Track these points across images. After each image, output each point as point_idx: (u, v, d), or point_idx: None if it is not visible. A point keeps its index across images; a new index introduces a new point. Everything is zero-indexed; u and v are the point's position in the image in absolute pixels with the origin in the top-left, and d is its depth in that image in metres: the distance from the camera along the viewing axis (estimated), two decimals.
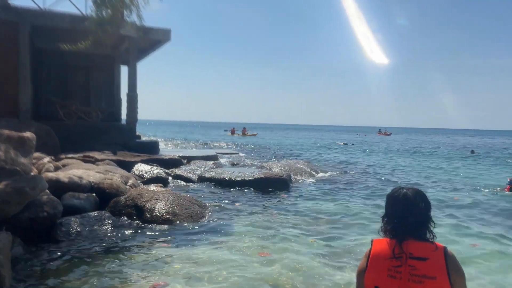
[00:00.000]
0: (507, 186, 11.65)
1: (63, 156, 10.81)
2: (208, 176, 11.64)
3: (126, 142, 14.86)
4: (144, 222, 6.91)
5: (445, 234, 6.61)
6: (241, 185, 10.92)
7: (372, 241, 2.12)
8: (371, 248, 2.08)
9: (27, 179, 6.07)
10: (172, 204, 7.29)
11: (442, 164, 20.55)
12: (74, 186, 7.48)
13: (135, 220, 7.02)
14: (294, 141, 44.13)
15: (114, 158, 11.70)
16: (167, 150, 19.85)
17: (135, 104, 15.23)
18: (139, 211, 7.14)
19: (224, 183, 11.12)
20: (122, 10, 9.76)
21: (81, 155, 11.19)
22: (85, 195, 7.39)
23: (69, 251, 5.47)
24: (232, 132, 58.33)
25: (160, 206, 7.15)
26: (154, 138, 27.26)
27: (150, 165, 11.69)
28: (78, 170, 8.49)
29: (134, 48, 15.10)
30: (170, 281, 4.60)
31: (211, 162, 14.69)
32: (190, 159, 15.29)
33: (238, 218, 7.52)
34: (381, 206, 8.95)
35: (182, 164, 13.86)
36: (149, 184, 9.92)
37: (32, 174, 7.25)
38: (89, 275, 4.70)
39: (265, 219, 7.59)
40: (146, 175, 10.84)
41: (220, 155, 19.28)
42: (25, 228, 5.72)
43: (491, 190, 11.85)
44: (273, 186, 10.93)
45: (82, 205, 7.09)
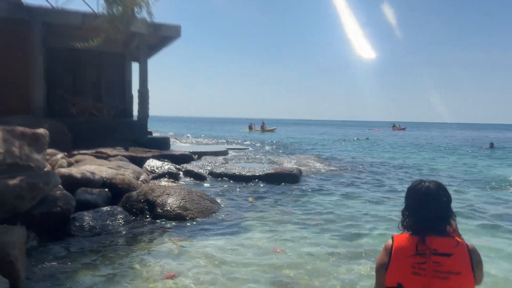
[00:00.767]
0: None
1: (75, 152, 10.95)
2: (218, 171, 11.71)
3: (138, 138, 14.99)
4: (155, 217, 6.99)
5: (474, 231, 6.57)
6: (251, 180, 10.97)
7: (392, 237, 2.07)
8: (392, 244, 2.03)
9: (40, 175, 6.17)
10: (183, 199, 7.35)
11: (464, 160, 19.67)
12: (87, 182, 7.58)
13: (147, 214, 7.11)
14: (306, 136, 43.95)
15: (126, 154, 11.82)
16: (178, 146, 19.97)
17: (146, 100, 15.36)
18: (151, 206, 7.23)
19: (234, 178, 11.18)
20: (132, 7, 9.82)
21: (93, 151, 11.33)
22: (97, 190, 7.48)
23: (82, 245, 5.56)
24: (250, 127, 53.81)
25: (171, 201, 7.22)
26: (165, 134, 27.44)
27: (161, 160, 11.78)
28: (90, 166, 8.60)
29: (144, 44, 15.20)
30: (181, 272, 4.66)
31: (222, 158, 14.77)
32: (200, 154, 15.39)
33: (249, 213, 7.56)
34: (395, 201, 8.96)
35: (193, 159, 13.96)
36: (160, 179, 10.01)
37: (45, 170, 7.36)
38: (102, 269, 4.77)
39: (276, 214, 7.61)
40: (157, 171, 10.94)
41: (229, 150, 19.32)
42: (39, 223, 5.81)
43: None
44: (283, 181, 10.94)
45: (95, 200, 7.18)
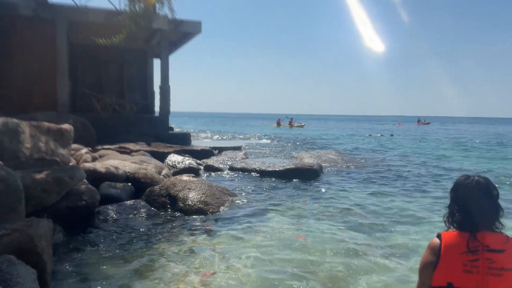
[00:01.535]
0: None
1: (99, 147, 11.17)
2: (238, 166, 11.76)
3: (159, 134, 15.18)
4: (177, 211, 7.08)
5: None
6: (271, 175, 10.98)
7: (439, 234, 2.02)
8: (441, 242, 1.97)
9: (65, 169, 6.32)
10: (204, 194, 7.42)
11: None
12: (111, 176, 7.72)
13: (169, 209, 7.21)
14: (331, 132, 43.65)
15: (148, 149, 11.99)
16: (198, 141, 20.14)
17: (167, 96, 15.52)
18: (173, 200, 7.32)
19: (254, 173, 11.21)
20: (154, 3, 9.94)
21: (116, 146, 11.52)
22: (121, 184, 7.61)
23: (107, 238, 5.67)
24: (278, 123, 52.11)
25: (193, 196, 7.30)
26: (186, 130, 27.68)
27: (183, 155, 11.90)
28: (114, 161, 8.75)
29: (165, 41, 15.33)
30: (214, 269, 4.68)
31: (242, 153, 14.81)
32: (221, 149, 15.48)
33: (270, 207, 7.57)
34: (417, 198, 8.84)
35: (213, 155, 14.05)
36: (181, 174, 10.12)
37: (70, 164, 7.55)
38: (128, 262, 4.85)
39: (297, 208, 7.61)
40: (178, 166, 11.06)
41: (249, 145, 19.35)
42: (64, 216, 5.95)
43: None
44: (304, 176, 10.91)
45: (119, 194, 7.31)
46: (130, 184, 7.87)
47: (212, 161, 12.67)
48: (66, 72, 13.94)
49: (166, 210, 7.17)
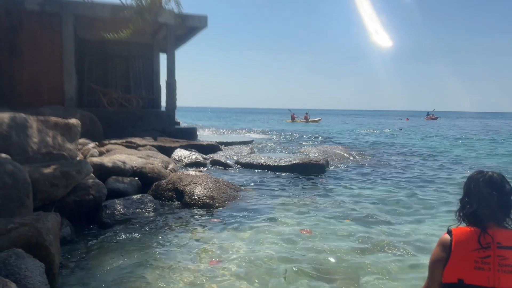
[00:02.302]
0: None
1: (106, 142, 11.22)
2: (245, 161, 11.76)
3: (166, 128, 15.22)
4: (184, 205, 7.10)
5: None
6: (277, 170, 10.97)
7: (450, 230, 1.99)
8: (451, 238, 1.95)
9: (73, 164, 6.35)
10: (210, 188, 7.44)
11: None
12: (118, 171, 7.74)
13: (176, 203, 7.24)
14: (340, 126, 43.53)
15: (155, 143, 12.02)
16: (205, 136, 20.16)
17: (173, 91, 15.53)
18: (179, 194, 7.35)
19: (261, 168, 11.21)
20: None
21: (123, 141, 11.57)
22: (128, 179, 7.64)
23: (114, 232, 5.69)
24: (293, 118, 50.38)
25: (199, 190, 7.32)
26: (192, 125, 27.73)
27: (189, 150, 11.92)
28: (121, 155, 8.78)
29: (172, 35, 15.32)
30: (220, 258, 4.79)
31: (248, 148, 14.82)
32: (227, 144, 15.50)
33: (276, 202, 7.57)
34: (426, 193, 8.79)
35: (220, 149, 14.06)
36: (188, 168, 10.14)
37: (77, 159, 7.59)
38: (135, 255, 4.86)
39: (303, 203, 7.60)
40: (185, 160, 11.09)
41: (256, 140, 19.35)
42: (72, 210, 5.99)
43: None
44: (310, 171, 10.88)
45: (126, 188, 7.33)
46: (137, 178, 7.89)
47: (219, 155, 12.68)
48: (73, 67, 13.99)
49: (172, 204, 7.19)
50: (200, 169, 10.26)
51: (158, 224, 6.11)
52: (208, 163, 11.66)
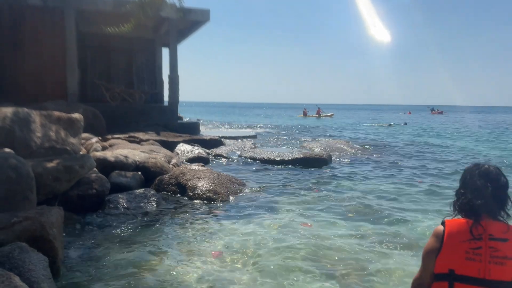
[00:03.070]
0: None
1: (109, 136, 11.23)
2: (247, 156, 11.76)
3: (168, 123, 15.22)
4: (186, 200, 7.12)
5: None
6: (280, 164, 10.98)
7: (443, 221, 2.01)
8: (444, 229, 1.96)
9: (76, 158, 6.37)
10: (213, 183, 7.45)
11: None
12: (121, 165, 7.76)
13: (178, 197, 7.26)
14: (344, 120, 43.39)
15: (158, 138, 12.03)
16: (208, 131, 20.17)
17: (176, 85, 15.51)
18: (182, 188, 7.37)
19: (263, 162, 11.21)
20: None
21: (126, 135, 11.58)
22: (131, 173, 7.66)
23: (117, 226, 5.72)
24: (305, 113, 49.77)
25: (202, 185, 7.33)
26: (195, 119, 27.72)
27: (192, 145, 11.92)
28: (124, 150, 8.79)
29: (174, 29, 15.27)
30: (221, 250, 4.85)
31: (251, 142, 14.82)
32: (230, 139, 15.51)
33: (278, 196, 7.58)
34: (425, 186, 8.78)
35: (222, 144, 14.06)
36: (190, 163, 10.15)
37: (80, 153, 7.60)
38: (138, 247, 4.89)
39: (304, 197, 7.60)
40: (187, 155, 11.09)
41: (259, 134, 19.34)
42: (75, 204, 6.02)
43: None
44: (313, 166, 10.90)
45: (129, 183, 7.35)
46: (139, 173, 7.91)
47: (221, 150, 12.69)
48: (75, 61, 13.97)
49: (175, 199, 7.21)
50: (202, 163, 10.26)
51: (161, 218, 6.13)
52: (211, 157, 11.66)
